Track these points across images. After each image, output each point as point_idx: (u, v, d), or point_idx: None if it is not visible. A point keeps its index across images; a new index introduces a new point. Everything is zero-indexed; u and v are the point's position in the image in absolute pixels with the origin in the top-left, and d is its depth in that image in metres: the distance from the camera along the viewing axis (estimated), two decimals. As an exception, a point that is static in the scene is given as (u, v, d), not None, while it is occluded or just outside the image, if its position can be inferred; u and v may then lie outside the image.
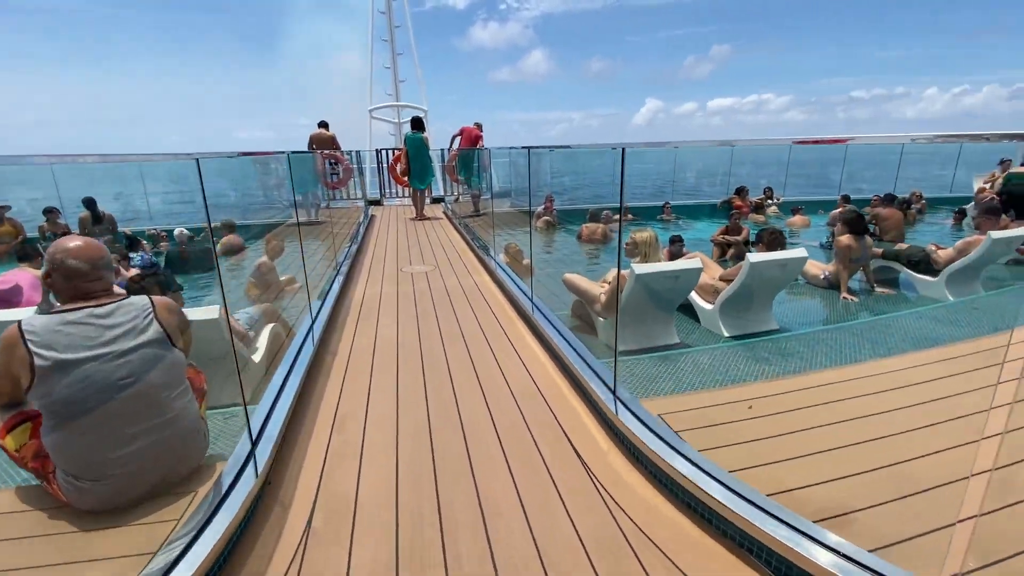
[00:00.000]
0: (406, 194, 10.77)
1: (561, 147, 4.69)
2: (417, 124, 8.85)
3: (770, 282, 3.87)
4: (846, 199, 8.86)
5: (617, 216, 9.76)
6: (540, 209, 10.10)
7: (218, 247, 4.93)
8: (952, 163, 13.81)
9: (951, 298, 4.67)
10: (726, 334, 3.88)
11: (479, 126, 9.55)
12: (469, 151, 9.61)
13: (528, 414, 2.43)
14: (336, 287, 4.51)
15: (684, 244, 6.05)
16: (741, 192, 11.56)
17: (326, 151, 8.96)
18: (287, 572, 1.56)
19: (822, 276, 5.09)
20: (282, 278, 4.42)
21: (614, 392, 2.28)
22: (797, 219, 9.21)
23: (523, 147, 4.55)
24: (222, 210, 5.34)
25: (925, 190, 12.48)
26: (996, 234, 4.31)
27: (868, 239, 4.95)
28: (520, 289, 4.06)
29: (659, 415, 2.13)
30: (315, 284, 4.20)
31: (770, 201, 11.16)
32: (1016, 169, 8.28)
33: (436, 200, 10.48)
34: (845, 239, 4.84)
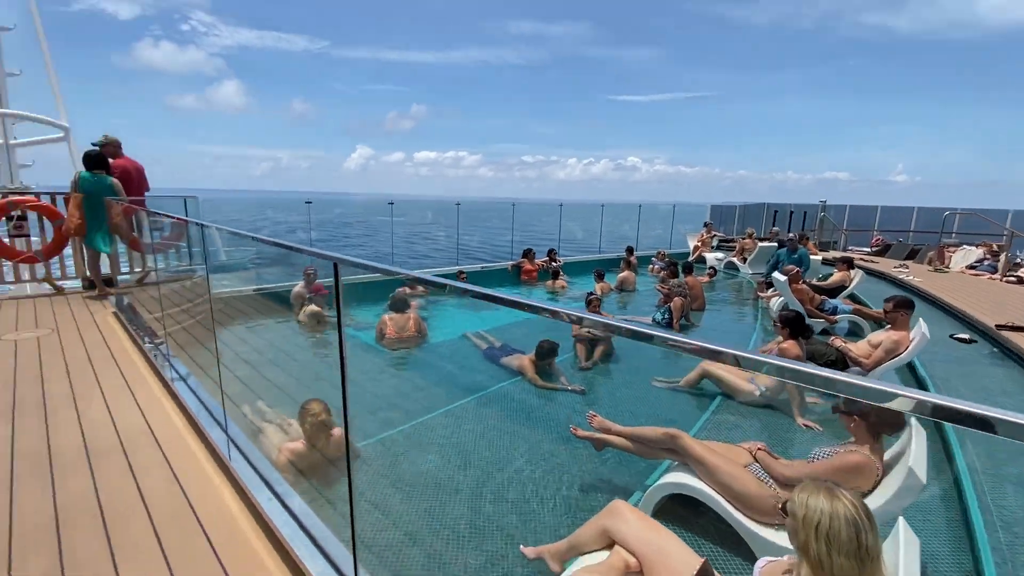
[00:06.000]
0: (28, 277, 5.87)
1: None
2: (98, 162, 5.30)
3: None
4: (665, 260, 8.32)
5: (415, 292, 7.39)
6: (299, 287, 6.88)
7: None
8: (663, 222, 16.39)
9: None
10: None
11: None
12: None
13: None
14: None
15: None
16: (528, 255, 10.72)
17: None
18: None
19: (757, 393, 3.90)
20: None
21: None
22: (603, 285, 8.54)
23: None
24: None
25: (652, 245, 14.26)
26: (926, 330, 3.81)
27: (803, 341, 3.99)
28: None
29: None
30: None
31: (554, 264, 10.58)
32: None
33: (107, 282, 5.97)
34: (791, 347, 3.73)
